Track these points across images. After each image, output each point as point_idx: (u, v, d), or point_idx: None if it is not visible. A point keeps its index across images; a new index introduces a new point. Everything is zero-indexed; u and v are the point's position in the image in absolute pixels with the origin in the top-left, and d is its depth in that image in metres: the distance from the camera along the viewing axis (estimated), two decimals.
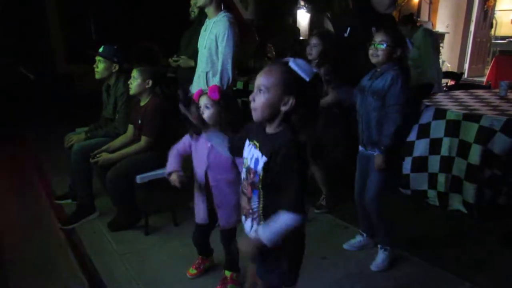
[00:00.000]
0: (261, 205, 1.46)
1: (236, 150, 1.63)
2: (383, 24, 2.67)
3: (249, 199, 1.49)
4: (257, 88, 1.40)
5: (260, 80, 1.39)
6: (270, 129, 1.44)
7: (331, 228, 3.05)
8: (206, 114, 2.03)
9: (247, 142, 1.53)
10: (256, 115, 1.41)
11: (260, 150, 1.43)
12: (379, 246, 2.57)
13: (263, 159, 1.41)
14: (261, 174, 1.41)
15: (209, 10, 2.95)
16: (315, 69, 1.42)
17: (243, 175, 1.53)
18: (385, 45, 2.30)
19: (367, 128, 2.44)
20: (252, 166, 1.45)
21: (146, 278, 2.47)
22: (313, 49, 3.02)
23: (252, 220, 1.51)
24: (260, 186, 1.44)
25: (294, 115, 1.38)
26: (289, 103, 1.36)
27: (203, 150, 2.15)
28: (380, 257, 2.55)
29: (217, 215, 2.20)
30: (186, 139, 2.25)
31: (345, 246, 2.74)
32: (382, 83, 2.33)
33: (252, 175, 1.45)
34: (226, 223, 2.18)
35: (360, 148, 2.57)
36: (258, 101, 1.38)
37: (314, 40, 3.04)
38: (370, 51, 2.37)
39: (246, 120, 1.55)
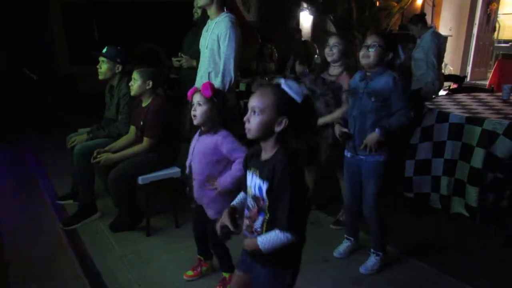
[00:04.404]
0: (265, 227, 1.49)
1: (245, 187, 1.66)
2: None
3: (254, 221, 1.53)
4: (251, 109, 1.44)
5: (254, 102, 1.44)
6: (265, 154, 1.49)
7: (334, 231, 3.04)
8: (198, 111, 2.06)
9: (247, 171, 1.57)
10: (251, 134, 1.46)
11: (260, 177, 1.48)
12: (371, 249, 2.56)
13: (265, 185, 1.45)
14: (267, 199, 1.46)
15: (211, 10, 2.95)
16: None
17: (250, 203, 1.55)
18: (376, 47, 2.28)
19: (361, 130, 2.38)
20: (258, 194, 1.49)
21: (147, 279, 2.47)
22: (334, 49, 2.79)
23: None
24: (266, 210, 1.47)
25: (288, 135, 1.43)
26: (282, 124, 1.41)
27: (193, 143, 2.20)
28: (371, 260, 2.54)
29: (205, 207, 2.20)
30: None
31: (335, 254, 2.70)
32: (381, 85, 2.30)
33: (261, 202, 1.49)
34: (214, 214, 2.16)
35: (348, 153, 2.51)
36: (253, 122, 1.43)
37: (334, 40, 2.82)
38: (361, 53, 2.34)
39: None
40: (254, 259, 1.60)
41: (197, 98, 2.07)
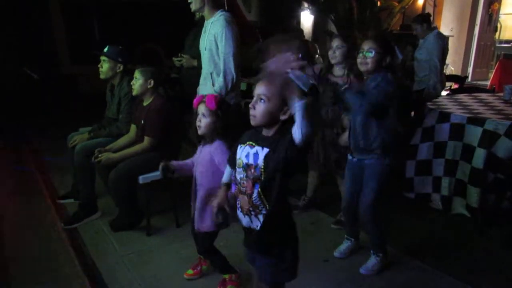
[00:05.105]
0: (262, 196, 1.50)
1: (234, 163, 1.66)
2: None
3: (250, 196, 1.53)
4: (257, 96, 1.46)
5: (261, 89, 1.45)
6: (268, 133, 1.50)
7: (334, 231, 3.03)
8: (202, 122, 2.07)
9: (239, 146, 1.58)
10: (255, 121, 1.48)
11: (258, 145, 1.49)
12: (371, 250, 2.55)
13: (264, 151, 1.46)
14: (262, 165, 1.47)
15: (205, 12, 2.95)
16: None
17: (239, 176, 1.56)
18: (373, 52, 2.25)
19: (354, 133, 2.37)
20: (251, 161, 1.50)
21: (147, 279, 2.47)
22: (337, 51, 2.77)
23: (253, 216, 1.55)
24: (262, 177, 1.48)
25: (291, 124, 1.42)
26: (288, 113, 1.43)
27: (198, 152, 2.20)
28: (372, 262, 2.53)
29: (196, 217, 2.20)
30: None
31: (335, 254, 2.69)
32: (368, 87, 2.28)
33: (252, 170, 1.50)
34: (198, 226, 2.18)
35: (350, 156, 2.50)
36: (258, 109, 1.45)
37: (336, 42, 2.78)
38: (359, 60, 2.31)
39: (246, 128, 1.58)
40: (255, 251, 1.62)
41: (202, 109, 2.06)
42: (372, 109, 2.23)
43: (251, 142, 1.53)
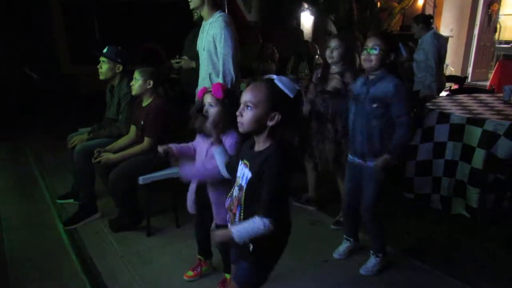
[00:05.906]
0: (241, 220, 1.51)
1: (233, 171, 1.67)
2: None
3: (234, 215, 1.55)
4: (244, 104, 1.45)
5: (247, 96, 1.44)
6: (258, 146, 1.51)
7: (333, 231, 3.03)
8: (210, 112, 2.04)
9: (240, 162, 1.58)
10: (243, 128, 1.47)
11: (249, 168, 1.49)
12: (371, 251, 2.55)
13: (250, 175, 1.47)
14: (245, 188, 1.48)
15: (203, 12, 2.94)
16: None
17: (235, 193, 1.56)
18: (378, 49, 2.24)
19: (368, 138, 2.33)
20: (243, 184, 1.51)
21: (147, 279, 2.47)
22: (334, 52, 2.79)
23: None
24: (242, 201, 1.49)
25: (279, 129, 1.45)
26: (275, 119, 1.43)
27: (204, 146, 2.16)
28: (371, 262, 2.53)
29: (213, 212, 2.17)
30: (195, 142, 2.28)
31: (334, 255, 2.69)
32: (382, 90, 2.26)
33: (241, 192, 1.51)
34: (221, 220, 2.13)
35: (351, 157, 2.49)
36: (246, 117, 1.44)
37: (334, 42, 2.80)
38: (363, 56, 2.31)
39: None
40: (240, 254, 1.61)
41: (208, 99, 2.04)
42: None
43: (245, 161, 1.52)
